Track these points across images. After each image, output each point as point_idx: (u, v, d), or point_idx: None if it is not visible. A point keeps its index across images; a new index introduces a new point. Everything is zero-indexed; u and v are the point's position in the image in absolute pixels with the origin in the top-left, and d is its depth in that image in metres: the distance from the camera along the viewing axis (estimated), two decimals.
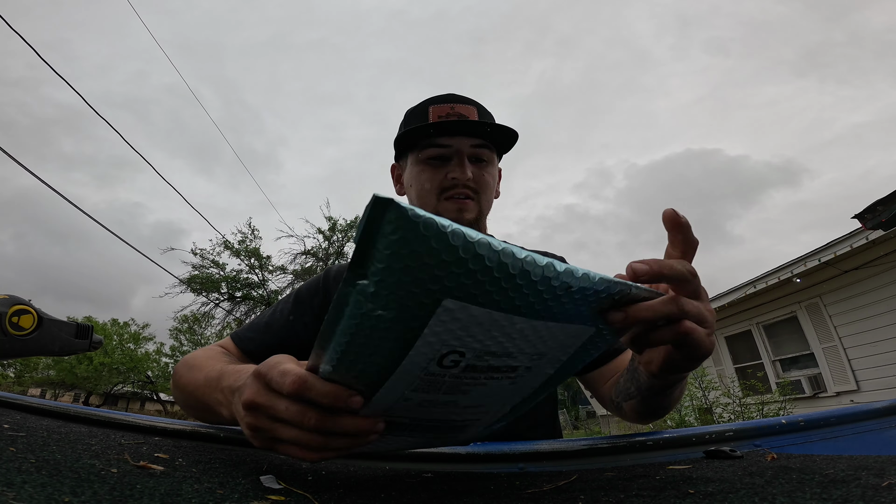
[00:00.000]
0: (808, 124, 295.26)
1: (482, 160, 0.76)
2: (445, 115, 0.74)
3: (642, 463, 0.48)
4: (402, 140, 0.77)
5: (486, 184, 0.76)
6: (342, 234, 10.96)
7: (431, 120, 0.74)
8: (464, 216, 0.74)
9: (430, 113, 0.75)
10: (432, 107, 0.75)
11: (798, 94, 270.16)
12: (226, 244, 10.50)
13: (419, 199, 0.77)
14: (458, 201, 0.74)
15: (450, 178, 0.73)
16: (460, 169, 0.73)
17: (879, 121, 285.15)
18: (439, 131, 0.73)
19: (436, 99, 0.77)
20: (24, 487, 0.25)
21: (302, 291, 0.78)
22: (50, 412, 0.62)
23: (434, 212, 0.75)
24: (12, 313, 0.74)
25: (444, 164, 0.74)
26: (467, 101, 0.77)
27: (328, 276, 0.81)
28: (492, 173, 0.78)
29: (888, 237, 4.37)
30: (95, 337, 0.89)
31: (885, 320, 4.72)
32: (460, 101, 0.76)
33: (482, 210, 0.77)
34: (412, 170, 0.78)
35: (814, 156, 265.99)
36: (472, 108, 0.76)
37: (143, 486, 0.29)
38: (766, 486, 0.31)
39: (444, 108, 0.75)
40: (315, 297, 0.76)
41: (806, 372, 5.60)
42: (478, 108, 0.77)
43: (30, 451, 0.35)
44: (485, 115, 0.77)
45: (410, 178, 0.78)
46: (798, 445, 0.53)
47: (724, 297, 6.37)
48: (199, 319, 11.31)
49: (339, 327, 0.25)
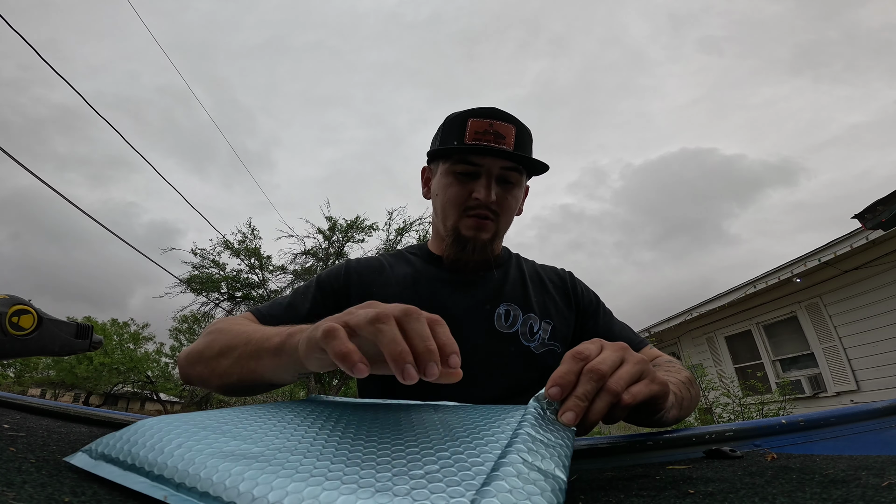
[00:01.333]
0: (805, 125, 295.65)
1: (509, 182, 0.78)
2: (483, 131, 0.75)
3: (642, 463, 0.48)
4: (437, 150, 0.79)
5: (508, 206, 0.79)
6: (342, 234, 10.97)
7: (468, 133, 0.75)
8: (480, 235, 0.78)
9: (468, 126, 0.75)
10: (472, 120, 0.75)
11: (794, 94, 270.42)
12: (226, 244, 10.50)
13: (443, 210, 0.80)
14: (477, 220, 0.77)
15: (474, 197, 0.75)
16: (486, 190, 0.75)
17: (877, 121, 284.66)
18: (473, 152, 0.75)
19: (477, 112, 0.76)
20: (24, 487, 0.25)
21: (323, 278, 0.82)
22: (50, 412, 0.62)
23: (454, 226, 0.79)
24: (12, 313, 0.74)
25: (472, 181, 0.76)
26: (507, 117, 0.76)
27: (349, 269, 0.83)
28: (516, 195, 0.80)
29: (888, 237, 4.37)
30: (95, 337, 0.89)
31: (885, 320, 4.72)
32: (500, 117, 0.76)
33: (499, 230, 0.80)
34: (441, 180, 0.80)
35: (811, 156, 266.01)
36: (510, 128, 0.76)
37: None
38: (766, 486, 0.31)
39: (484, 123, 0.75)
40: (336, 282, 0.80)
41: (806, 372, 5.60)
42: (517, 126, 0.77)
43: (30, 451, 0.35)
44: (523, 133, 0.77)
45: (438, 187, 0.81)
46: (798, 445, 0.53)
47: (724, 297, 6.38)
48: (198, 319, 11.30)
49: None
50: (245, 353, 0.53)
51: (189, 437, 0.30)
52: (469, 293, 0.81)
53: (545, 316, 0.82)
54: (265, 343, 0.50)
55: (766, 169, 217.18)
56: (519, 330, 0.79)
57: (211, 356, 0.59)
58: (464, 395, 0.77)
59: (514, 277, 0.86)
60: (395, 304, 0.38)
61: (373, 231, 11.03)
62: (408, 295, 0.80)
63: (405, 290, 0.80)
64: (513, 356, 0.78)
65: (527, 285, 0.85)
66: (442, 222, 0.81)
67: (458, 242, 0.78)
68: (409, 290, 0.80)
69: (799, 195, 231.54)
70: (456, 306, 0.79)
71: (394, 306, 0.38)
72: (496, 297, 0.81)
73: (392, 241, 10.91)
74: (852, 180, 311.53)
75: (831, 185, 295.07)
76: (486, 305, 0.80)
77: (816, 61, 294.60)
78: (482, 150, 0.74)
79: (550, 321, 0.82)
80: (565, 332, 0.83)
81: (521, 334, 0.79)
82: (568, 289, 0.88)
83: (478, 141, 0.74)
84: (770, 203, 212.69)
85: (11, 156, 4.55)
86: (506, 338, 0.78)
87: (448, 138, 0.78)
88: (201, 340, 0.64)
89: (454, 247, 0.79)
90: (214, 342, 0.60)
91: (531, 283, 0.86)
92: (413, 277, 0.82)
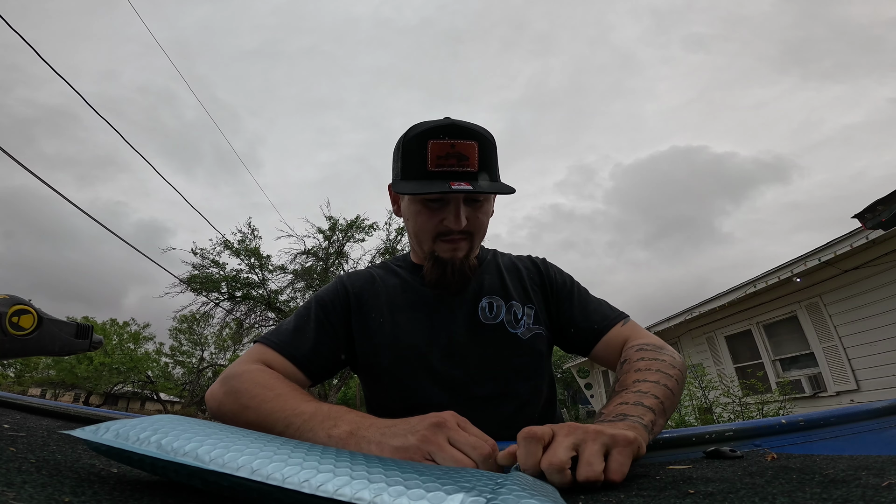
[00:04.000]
0: (798, 126, 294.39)
1: (478, 200, 0.78)
2: (445, 154, 0.72)
3: (642, 463, 0.48)
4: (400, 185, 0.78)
5: (480, 224, 0.79)
6: (342, 234, 10.96)
7: (430, 159, 0.72)
8: (457, 255, 0.79)
9: (428, 149, 0.73)
10: (431, 142, 0.73)
11: (784, 94, 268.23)
12: (226, 244, 10.49)
13: (416, 235, 0.81)
14: (452, 242, 0.78)
15: (444, 224, 0.76)
16: (455, 219, 0.74)
17: (869, 122, 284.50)
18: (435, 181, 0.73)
19: (433, 131, 0.73)
20: (24, 487, 0.25)
21: (322, 296, 0.84)
22: (50, 412, 0.62)
23: (430, 250, 0.80)
24: (12, 313, 0.74)
25: (441, 208, 0.76)
26: (467, 133, 0.74)
27: (343, 283, 0.86)
28: (486, 210, 0.80)
29: (888, 237, 4.37)
30: (95, 337, 0.89)
31: (885, 320, 4.72)
32: (460, 134, 0.73)
33: (473, 246, 0.81)
34: (410, 206, 0.79)
35: (804, 156, 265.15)
36: (472, 146, 0.73)
37: (143, 487, 0.29)
38: (766, 486, 0.31)
39: (444, 146, 0.72)
40: (336, 299, 0.83)
41: (806, 371, 5.60)
42: (479, 141, 0.74)
43: (30, 451, 0.35)
44: (486, 147, 0.75)
45: (408, 212, 0.81)
46: (798, 445, 0.53)
47: (723, 296, 6.37)
48: (198, 319, 11.29)
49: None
50: (286, 437, 0.52)
51: (193, 427, 0.31)
52: (452, 294, 0.83)
53: (526, 301, 0.85)
54: (309, 437, 0.49)
55: (758, 166, 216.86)
56: (504, 319, 0.82)
57: (244, 426, 0.56)
58: (463, 393, 0.78)
59: (492, 271, 0.89)
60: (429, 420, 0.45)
61: (373, 230, 11.05)
62: (397, 301, 0.83)
63: (395, 298, 0.84)
64: (502, 345, 0.80)
65: (503, 276, 0.88)
66: (418, 246, 0.82)
67: (438, 266, 0.79)
68: (399, 298, 0.84)
69: (793, 196, 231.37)
70: (441, 308, 0.82)
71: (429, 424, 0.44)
72: (477, 291, 0.84)
73: (392, 241, 10.92)
74: (846, 181, 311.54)
75: (825, 186, 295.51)
76: (468, 301, 0.83)
77: (805, 58, 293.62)
78: (447, 176, 0.72)
79: (532, 306, 0.85)
80: (545, 315, 0.86)
81: (506, 322, 0.82)
82: (542, 273, 0.91)
83: (440, 166, 0.72)
84: (764, 203, 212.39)
85: (11, 156, 4.55)
86: (492, 328, 0.81)
87: (410, 163, 0.75)
88: (230, 400, 0.62)
89: (434, 270, 0.80)
90: (247, 411, 0.58)
91: (507, 273, 0.89)
92: (402, 286, 0.86)
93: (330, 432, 0.47)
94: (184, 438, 0.28)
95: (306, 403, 0.54)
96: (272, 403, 0.56)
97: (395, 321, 0.81)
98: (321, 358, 0.77)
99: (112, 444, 0.28)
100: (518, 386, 0.80)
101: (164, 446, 0.27)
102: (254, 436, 0.32)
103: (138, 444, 0.28)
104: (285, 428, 0.52)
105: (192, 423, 0.32)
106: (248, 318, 10.71)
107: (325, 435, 0.47)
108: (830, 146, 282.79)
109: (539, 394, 0.84)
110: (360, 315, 0.82)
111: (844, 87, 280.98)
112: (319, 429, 0.49)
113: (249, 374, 0.65)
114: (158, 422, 0.31)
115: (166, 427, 0.30)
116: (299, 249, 10.91)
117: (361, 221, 10.96)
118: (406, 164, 0.76)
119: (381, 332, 0.80)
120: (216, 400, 0.64)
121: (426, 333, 0.80)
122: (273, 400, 0.57)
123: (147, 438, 0.28)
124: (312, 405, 0.53)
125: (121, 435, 0.29)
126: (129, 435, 0.29)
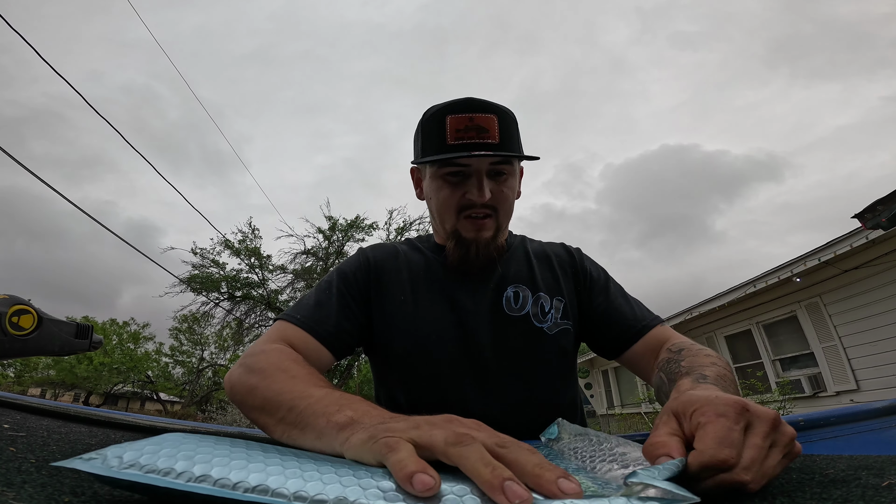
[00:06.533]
0: (791, 127, 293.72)
1: (502, 174, 0.75)
2: (464, 127, 0.71)
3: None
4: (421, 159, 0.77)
5: (504, 199, 0.75)
6: (342, 234, 10.96)
7: (449, 133, 0.72)
8: (482, 235, 0.75)
9: (447, 124, 0.72)
10: (450, 117, 0.72)
11: (775, 94, 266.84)
12: (226, 243, 10.49)
13: (439, 213, 0.78)
14: (475, 221, 0.75)
15: (467, 198, 0.73)
16: (478, 191, 0.72)
17: (862, 123, 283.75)
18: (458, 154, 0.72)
19: (453, 106, 0.73)
20: (24, 487, 0.24)
21: (344, 268, 0.81)
22: (50, 412, 0.62)
23: (453, 229, 0.77)
24: (12, 313, 0.74)
25: (463, 182, 0.74)
26: (487, 107, 0.73)
27: (366, 254, 0.84)
28: (511, 185, 0.76)
29: (888, 237, 4.37)
30: (95, 337, 0.89)
31: (885, 320, 4.72)
32: (479, 108, 0.72)
33: (500, 224, 0.77)
34: (431, 183, 0.77)
35: (797, 157, 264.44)
36: (492, 119, 0.72)
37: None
38: (766, 486, 0.31)
39: (463, 119, 0.71)
40: (359, 271, 0.80)
41: (806, 371, 5.60)
42: (498, 115, 0.73)
43: (30, 451, 0.35)
44: (506, 120, 0.73)
45: (430, 190, 0.79)
46: None
47: (723, 296, 6.38)
48: (198, 319, 11.28)
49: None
50: (288, 420, 0.48)
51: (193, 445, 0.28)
52: (476, 279, 0.79)
53: (555, 294, 0.80)
54: (310, 421, 0.44)
55: (750, 164, 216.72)
56: (530, 311, 0.77)
57: (252, 406, 0.55)
58: (482, 390, 0.74)
59: (520, 258, 0.84)
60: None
61: (373, 230, 11.05)
62: (419, 280, 0.80)
63: (417, 276, 0.80)
64: (526, 340, 0.75)
65: (532, 264, 0.83)
66: (441, 225, 0.79)
67: (461, 245, 0.76)
68: (420, 276, 0.80)
69: (786, 196, 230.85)
70: (463, 294, 0.78)
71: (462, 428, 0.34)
72: (502, 279, 0.79)
73: (392, 241, 10.89)
74: (840, 182, 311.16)
75: (819, 187, 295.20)
76: (492, 289, 0.78)
77: (793, 55, 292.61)
78: (468, 148, 0.71)
79: (562, 299, 0.80)
80: (575, 310, 0.81)
81: (532, 315, 0.77)
82: (576, 264, 0.86)
83: (460, 139, 0.71)
84: (757, 203, 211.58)
85: (11, 155, 4.54)
86: (516, 321, 0.76)
87: (429, 140, 0.75)
88: (243, 380, 0.58)
89: (458, 250, 0.76)
90: (256, 391, 0.55)
91: (536, 260, 0.84)
92: (425, 264, 0.82)
93: (331, 417, 0.42)
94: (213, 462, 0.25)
95: (317, 388, 0.50)
96: (282, 384, 0.53)
97: (417, 302, 0.77)
98: (344, 333, 0.73)
99: (135, 478, 0.24)
100: (541, 384, 0.76)
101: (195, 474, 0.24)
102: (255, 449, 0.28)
103: (166, 475, 0.24)
104: (288, 411, 0.47)
105: (197, 442, 0.28)
106: (248, 317, 10.70)
107: (325, 420, 0.42)
108: (823, 146, 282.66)
109: (562, 393, 0.79)
110: (379, 289, 0.79)
111: (835, 84, 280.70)
112: (322, 413, 0.43)
113: (266, 355, 0.61)
114: (170, 444, 0.27)
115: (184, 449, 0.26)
116: (299, 249, 10.92)
117: (361, 221, 10.96)
118: (426, 142, 0.75)
119: (401, 312, 0.76)
120: (231, 381, 0.61)
121: (446, 322, 0.76)
122: (284, 381, 0.53)
123: (172, 467, 0.24)
124: (323, 390, 0.49)
125: (135, 464, 0.24)
126: (150, 464, 0.24)
